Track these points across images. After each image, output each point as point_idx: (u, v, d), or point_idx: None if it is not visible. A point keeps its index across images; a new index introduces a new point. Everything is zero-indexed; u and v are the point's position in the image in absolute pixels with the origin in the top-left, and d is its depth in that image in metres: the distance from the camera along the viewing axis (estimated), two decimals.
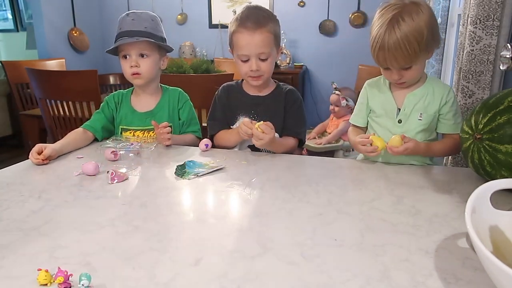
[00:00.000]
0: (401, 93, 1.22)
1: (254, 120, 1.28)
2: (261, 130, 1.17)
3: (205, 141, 1.31)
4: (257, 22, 1.25)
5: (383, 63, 1.12)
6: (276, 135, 1.30)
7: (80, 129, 1.37)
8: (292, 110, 1.37)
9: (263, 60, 1.28)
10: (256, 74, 1.30)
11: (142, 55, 1.35)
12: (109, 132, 1.43)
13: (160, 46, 1.39)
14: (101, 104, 1.46)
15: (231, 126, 1.39)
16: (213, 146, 1.35)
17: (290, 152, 1.34)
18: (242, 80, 1.43)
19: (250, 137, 1.22)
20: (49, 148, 1.18)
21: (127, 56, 1.35)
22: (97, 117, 1.42)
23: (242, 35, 1.26)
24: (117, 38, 1.35)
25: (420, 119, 1.19)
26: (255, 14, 1.28)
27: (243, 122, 1.23)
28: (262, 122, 1.19)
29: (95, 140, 1.39)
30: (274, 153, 1.31)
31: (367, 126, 1.31)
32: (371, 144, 1.14)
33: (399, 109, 1.21)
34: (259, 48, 1.26)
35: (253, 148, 1.34)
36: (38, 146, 1.17)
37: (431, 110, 1.19)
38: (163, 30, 1.42)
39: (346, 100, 2.82)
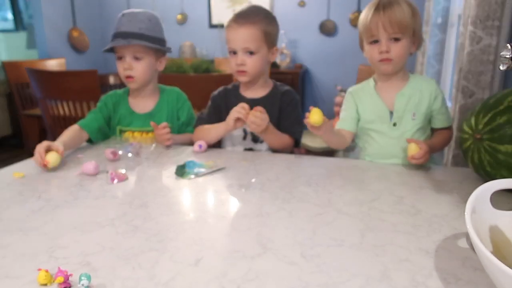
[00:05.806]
0: (390, 95, 1.21)
1: None
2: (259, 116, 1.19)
3: (199, 142, 1.30)
4: (247, 17, 1.27)
5: (374, 31, 1.13)
6: None
7: (76, 127, 1.33)
8: (287, 111, 1.36)
9: (249, 55, 1.28)
10: (241, 68, 1.29)
11: (136, 58, 1.33)
12: (103, 134, 1.40)
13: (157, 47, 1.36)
14: (98, 104, 1.42)
15: None
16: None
17: (285, 149, 1.33)
18: (240, 82, 1.42)
19: (241, 120, 1.22)
20: (60, 145, 1.12)
21: (122, 58, 1.33)
22: (94, 116, 1.38)
23: (231, 28, 1.28)
24: (112, 38, 1.33)
25: (413, 119, 1.19)
26: (249, 11, 1.29)
27: (239, 105, 1.23)
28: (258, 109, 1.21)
29: (89, 140, 1.36)
30: (274, 152, 1.32)
31: (355, 132, 1.29)
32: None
33: (391, 112, 1.21)
34: (244, 42, 1.27)
35: (250, 150, 1.35)
36: (45, 144, 1.10)
37: (422, 108, 1.20)
38: (161, 30, 1.39)
39: None
